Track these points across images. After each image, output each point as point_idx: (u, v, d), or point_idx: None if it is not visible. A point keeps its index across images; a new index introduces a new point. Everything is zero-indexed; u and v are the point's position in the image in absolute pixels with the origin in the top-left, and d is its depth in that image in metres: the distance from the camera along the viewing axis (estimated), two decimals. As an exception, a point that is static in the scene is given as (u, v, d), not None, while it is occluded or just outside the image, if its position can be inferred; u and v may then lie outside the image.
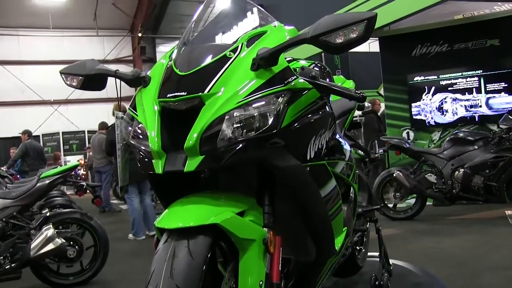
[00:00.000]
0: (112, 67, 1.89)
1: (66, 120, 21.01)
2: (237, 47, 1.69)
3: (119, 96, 1.95)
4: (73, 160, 16.02)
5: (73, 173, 4.88)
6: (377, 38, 8.30)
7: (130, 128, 1.71)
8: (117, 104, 5.81)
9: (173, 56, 1.77)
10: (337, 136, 2.37)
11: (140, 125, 1.66)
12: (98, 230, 4.30)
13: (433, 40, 7.68)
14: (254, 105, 1.53)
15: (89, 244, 4.27)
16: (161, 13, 22.13)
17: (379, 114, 8.97)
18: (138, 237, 6.38)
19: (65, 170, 4.26)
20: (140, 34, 21.73)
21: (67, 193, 8.93)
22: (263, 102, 1.54)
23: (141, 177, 5.98)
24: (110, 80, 1.90)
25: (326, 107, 1.90)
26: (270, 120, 1.53)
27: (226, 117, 1.51)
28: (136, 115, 1.69)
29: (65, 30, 21.00)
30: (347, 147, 2.54)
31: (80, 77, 1.84)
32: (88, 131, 19.32)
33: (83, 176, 16.36)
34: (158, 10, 21.92)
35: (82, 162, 16.36)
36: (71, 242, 4.07)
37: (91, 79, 1.84)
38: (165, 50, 21.82)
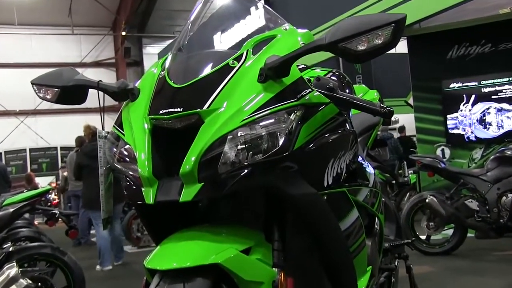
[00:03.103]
0: (91, 71, 1.93)
1: (34, 135, 21.07)
2: (242, 54, 1.72)
3: (102, 109, 1.98)
4: (42, 182, 16.01)
5: (43, 198, 4.90)
6: (405, 38, 8.31)
7: (115, 150, 1.72)
8: None
9: (166, 64, 1.79)
10: (359, 158, 2.39)
11: (127, 146, 1.68)
12: (72, 268, 4.31)
13: (473, 40, 7.67)
14: (261, 123, 1.55)
15: (61, 284, 4.27)
16: (148, 8, 22.25)
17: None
18: (104, 268, 6.92)
19: (33, 196, 4.27)
20: (124, 33, 21.88)
21: (35, 222, 8.94)
22: (273, 120, 1.57)
23: None
24: (91, 91, 1.92)
25: (346, 124, 1.92)
26: (281, 141, 1.55)
27: (229, 137, 1.53)
28: (123, 134, 1.71)
29: (34, 27, 21.15)
30: (370, 170, 2.55)
31: (56, 89, 1.87)
32: (61, 148, 19.39)
33: (54, 201, 16.35)
34: (145, 5, 22.05)
35: (54, 185, 16.39)
36: (39, 283, 4.04)
37: (69, 91, 1.87)
38: (153, 52, 21.89)
